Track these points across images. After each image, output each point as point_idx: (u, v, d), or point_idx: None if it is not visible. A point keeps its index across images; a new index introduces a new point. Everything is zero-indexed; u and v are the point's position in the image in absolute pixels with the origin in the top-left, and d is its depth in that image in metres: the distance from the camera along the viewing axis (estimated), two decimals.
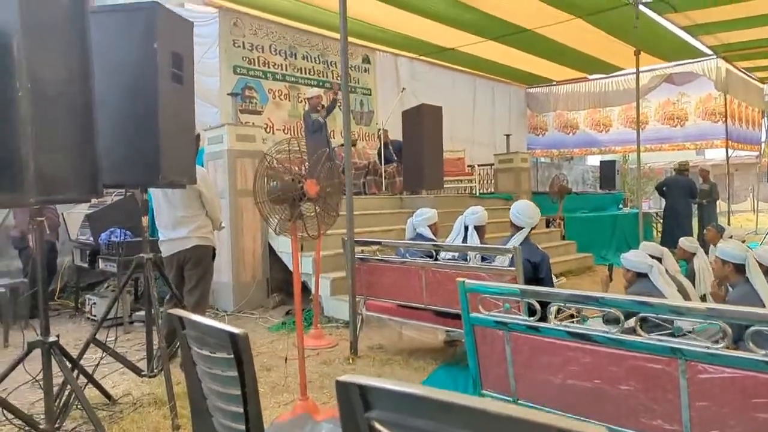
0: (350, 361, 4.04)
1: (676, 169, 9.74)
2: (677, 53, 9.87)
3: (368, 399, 0.88)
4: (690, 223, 9.23)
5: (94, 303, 5.41)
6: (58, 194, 2.48)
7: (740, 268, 3.27)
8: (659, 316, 1.78)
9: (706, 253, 4.98)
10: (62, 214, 6.13)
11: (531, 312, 2.05)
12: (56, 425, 2.67)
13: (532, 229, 3.71)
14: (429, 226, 4.30)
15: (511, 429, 0.71)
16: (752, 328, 1.45)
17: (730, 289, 3.49)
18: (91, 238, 5.54)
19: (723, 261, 3.36)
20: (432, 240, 4.25)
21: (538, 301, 2.05)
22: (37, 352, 2.60)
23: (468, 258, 3.96)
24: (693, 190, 9.29)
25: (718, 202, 10.47)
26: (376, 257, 4.30)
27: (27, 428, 2.69)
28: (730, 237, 5.13)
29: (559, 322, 1.96)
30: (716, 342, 2.74)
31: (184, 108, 3.28)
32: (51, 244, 5.77)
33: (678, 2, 7.24)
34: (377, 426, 0.87)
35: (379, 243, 4.46)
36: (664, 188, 9.61)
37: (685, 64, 10.60)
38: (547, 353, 1.94)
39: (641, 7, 7.27)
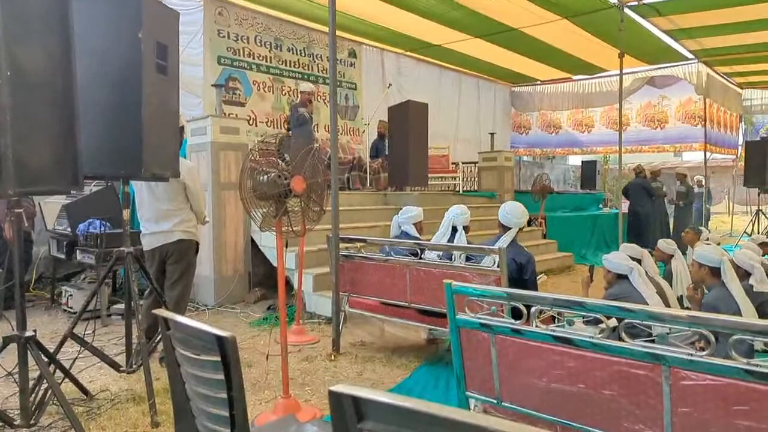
0: (332, 357, 4.03)
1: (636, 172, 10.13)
2: (660, 56, 10.04)
3: (362, 410, 0.87)
4: (650, 222, 9.48)
5: (71, 295, 5.30)
6: (37, 186, 2.42)
7: (716, 272, 3.35)
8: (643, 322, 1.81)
9: (684, 254, 5.08)
10: (38, 203, 5.98)
11: (516, 315, 2.06)
12: (32, 421, 2.62)
13: (520, 229, 3.72)
14: (414, 224, 4.31)
15: None
16: (734, 337, 1.48)
17: (707, 291, 3.57)
18: (69, 229, 5.42)
19: (700, 264, 3.46)
20: (416, 238, 4.26)
21: (524, 304, 2.06)
22: (12, 345, 2.54)
23: (452, 257, 3.97)
24: (649, 191, 9.61)
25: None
26: (361, 254, 4.28)
27: (0, 424, 2.62)
28: (707, 239, 5.24)
29: (543, 325, 1.97)
30: (691, 343, 2.78)
31: (169, 99, 3.23)
32: (26, 234, 5.62)
33: (662, 6, 7.35)
34: None
35: (364, 241, 4.44)
36: (627, 191, 9.93)
37: (666, 67, 10.79)
38: (532, 356, 1.95)
39: (626, 10, 7.36)
